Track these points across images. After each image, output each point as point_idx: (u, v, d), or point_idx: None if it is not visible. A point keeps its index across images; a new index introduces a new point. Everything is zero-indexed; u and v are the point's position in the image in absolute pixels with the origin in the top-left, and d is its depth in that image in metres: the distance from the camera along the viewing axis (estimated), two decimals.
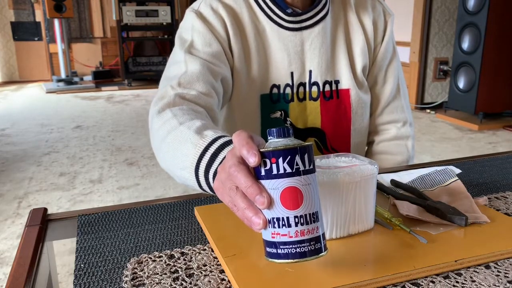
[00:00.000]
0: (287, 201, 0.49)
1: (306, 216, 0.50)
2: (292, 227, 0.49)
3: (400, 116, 1.08)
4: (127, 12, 5.98)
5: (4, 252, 2.06)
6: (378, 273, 0.55)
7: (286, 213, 0.49)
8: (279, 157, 0.49)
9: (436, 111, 4.60)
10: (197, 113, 0.79)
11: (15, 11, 6.70)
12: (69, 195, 2.72)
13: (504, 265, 0.59)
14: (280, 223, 0.50)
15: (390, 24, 1.03)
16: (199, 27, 0.92)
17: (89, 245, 0.67)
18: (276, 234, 0.50)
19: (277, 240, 0.50)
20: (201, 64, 0.88)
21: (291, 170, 0.49)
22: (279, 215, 0.50)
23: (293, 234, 0.49)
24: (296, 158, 0.49)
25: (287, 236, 0.50)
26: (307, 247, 0.50)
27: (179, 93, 0.84)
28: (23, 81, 6.86)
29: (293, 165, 0.49)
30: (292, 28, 0.95)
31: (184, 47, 0.91)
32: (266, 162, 0.49)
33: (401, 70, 1.09)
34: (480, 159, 1.04)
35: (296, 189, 0.49)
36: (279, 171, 0.49)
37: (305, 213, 0.50)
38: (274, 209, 0.50)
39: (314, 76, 0.98)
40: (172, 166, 0.72)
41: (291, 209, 0.49)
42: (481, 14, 3.87)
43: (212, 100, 0.86)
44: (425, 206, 0.72)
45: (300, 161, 0.49)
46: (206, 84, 0.86)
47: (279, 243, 0.50)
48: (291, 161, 0.49)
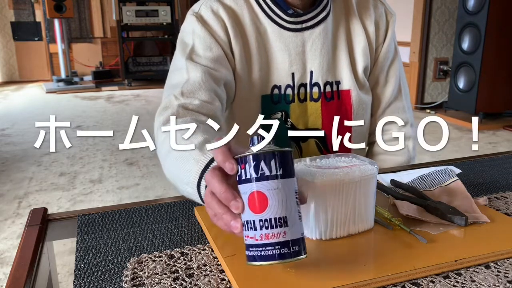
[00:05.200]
0: (253, 205, 0.52)
1: (271, 220, 0.51)
2: (257, 230, 0.52)
3: (401, 116, 1.08)
4: (127, 12, 5.98)
5: (4, 252, 2.06)
6: (378, 273, 0.55)
7: (252, 216, 0.52)
8: (246, 163, 0.52)
9: (436, 111, 4.60)
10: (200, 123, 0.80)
11: (15, 11, 6.70)
12: (69, 195, 2.72)
13: (504, 265, 0.59)
14: (248, 226, 0.52)
15: (392, 24, 1.03)
16: (200, 31, 0.93)
17: (89, 245, 0.67)
18: (246, 237, 0.53)
19: (248, 242, 0.53)
20: (203, 72, 0.89)
21: (256, 175, 0.52)
22: (247, 218, 0.52)
23: (259, 237, 0.52)
24: (261, 164, 0.52)
25: (254, 239, 0.52)
26: (272, 251, 0.51)
27: (182, 103, 0.86)
28: (23, 81, 6.86)
29: (259, 170, 0.52)
30: (293, 29, 0.95)
31: (185, 53, 0.92)
32: (238, 168, 0.53)
33: (403, 71, 1.09)
34: (480, 159, 1.04)
35: (261, 194, 0.51)
36: (247, 176, 0.52)
37: (270, 217, 0.51)
38: (245, 213, 0.52)
39: (315, 77, 0.98)
40: (177, 181, 0.75)
41: (256, 212, 0.52)
42: (481, 14, 3.86)
43: (214, 108, 0.88)
44: (425, 206, 0.72)
45: (265, 167, 0.52)
46: (208, 92, 0.88)
47: (248, 245, 0.53)
48: (257, 167, 0.52)
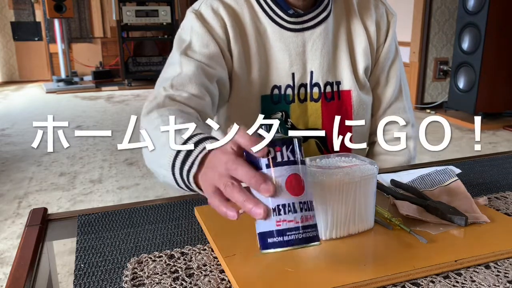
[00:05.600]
0: (293, 187, 0.51)
1: (308, 203, 0.52)
2: (297, 212, 0.51)
3: (402, 117, 1.08)
4: (127, 12, 5.97)
5: (4, 252, 2.06)
6: (378, 273, 0.55)
7: (292, 199, 0.51)
8: (283, 146, 0.52)
9: (436, 111, 4.60)
10: (184, 113, 0.79)
11: (15, 11, 6.70)
12: (69, 195, 2.72)
13: (504, 265, 0.59)
14: (286, 209, 0.51)
15: (393, 25, 1.03)
16: (198, 29, 0.93)
17: (89, 245, 0.67)
18: (282, 221, 0.51)
19: (284, 227, 0.51)
20: (196, 66, 0.88)
21: (294, 158, 0.52)
22: (285, 201, 0.51)
23: (299, 219, 0.51)
24: (296, 148, 0.52)
25: (294, 222, 0.51)
26: (311, 233, 0.52)
27: (170, 94, 0.85)
28: (23, 81, 6.86)
29: (295, 154, 0.52)
30: (293, 29, 0.95)
31: (181, 49, 0.92)
32: (270, 151, 0.52)
33: (404, 71, 1.09)
34: (480, 159, 1.04)
35: (299, 177, 0.52)
36: (284, 159, 0.51)
37: (307, 199, 0.52)
38: (280, 196, 0.51)
39: (316, 77, 0.98)
40: (153, 164, 0.73)
41: (297, 195, 0.51)
42: (481, 14, 3.86)
43: (203, 103, 0.87)
44: (425, 206, 0.72)
45: (298, 151, 0.53)
46: (198, 86, 0.87)
47: (285, 230, 0.51)
48: (293, 150, 0.52)
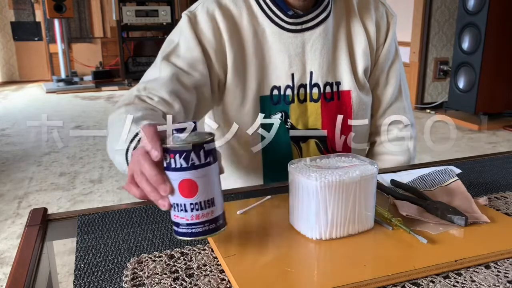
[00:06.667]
0: (183, 191, 0.57)
1: (201, 203, 0.58)
2: (188, 212, 0.58)
3: (401, 117, 1.07)
4: (127, 12, 5.98)
5: (4, 252, 2.06)
6: (378, 273, 0.55)
7: (183, 200, 0.57)
8: (176, 154, 0.56)
9: (436, 111, 4.60)
10: (150, 110, 0.82)
11: (15, 11, 6.70)
12: (69, 195, 2.72)
13: (504, 265, 0.59)
14: (178, 208, 0.58)
15: (393, 25, 1.03)
16: (187, 32, 0.94)
17: (89, 245, 0.67)
18: (175, 216, 0.59)
19: (177, 221, 0.59)
20: (172, 73, 0.90)
21: (187, 165, 0.56)
22: (177, 201, 0.58)
23: (189, 218, 0.58)
24: (191, 155, 0.56)
25: (185, 219, 0.58)
26: (202, 228, 0.59)
27: (141, 95, 0.88)
28: (23, 81, 6.86)
29: (189, 160, 0.56)
30: (293, 30, 0.95)
31: (165, 52, 0.94)
32: (166, 156, 0.57)
33: (403, 71, 1.09)
34: (480, 159, 1.04)
35: (191, 181, 0.57)
36: (177, 166, 0.56)
37: (200, 200, 0.58)
38: (174, 196, 0.57)
39: (315, 77, 0.98)
40: (112, 152, 0.78)
41: (187, 197, 0.57)
42: (481, 14, 3.86)
43: (171, 110, 0.88)
44: (425, 206, 0.72)
45: (195, 157, 0.56)
46: (169, 93, 0.88)
47: (179, 224, 0.59)
48: (187, 157, 0.56)
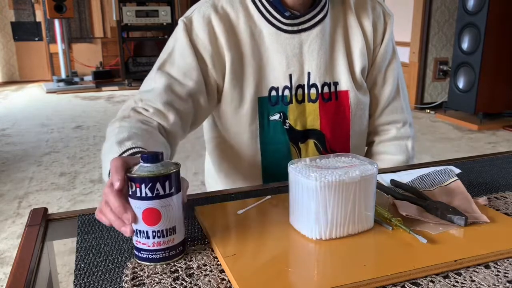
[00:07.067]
0: (147, 219, 0.59)
1: (162, 231, 0.60)
2: (150, 239, 0.60)
3: (399, 116, 1.08)
4: (127, 12, 5.98)
5: (5, 252, 2.06)
6: (378, 273, 0.55)
7: (146, 227, 0.60)
8: (142, 183, 0.58)
9: (436, 111, 4.60)
10: (140, 126, 0.85)
11: (15, 11, 6.70)
12: (70, 195, 2.72)
13: (503, 265, 0.59)
14: (141, 234, 0.60)
15: (390, 25, 1.03)
16: (181, 39, 0.94)
17: (89, 245, 0.67)
18: (138, 242, 0.61)
19: (139, 246, 0.61)
20: (167, 84, 0.92)
21: (151, 194, 0.58)
22: (140, 228, 0.60)
23: (151, 244, 0.60)
24: (157, 185, 0.58)
25: (146, 245, 0.60)
26: (162, 254, 0.60)
27: (137, 107, 0.91)
28: (23, 81, 6.86)
29: (154, 190, 0.58)
30: (290, 31, 0.95)
31: (160, 61, 0.96)
32: (132, 185, 0.59)
33: (401, 71, 1.09)
34: (480, 159, 1.05)
35: (155, 210, 0.59)
36: (142, 195, 0.58)
37: (162, 228, 0.60)
38: (138, 223, 0.60)
39: (313, 78, 0.98)
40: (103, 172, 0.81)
41: (150, 225, 0.59)
42: (481, 14, 3.86)
43: (167, 121, 0.91)
44: (425, 206, 0.72)
45: (160, 187, 0.58)
46: (164, 104, 0.91)
47: (140, 249, 0.61)
48: (152, 187, 0.58)
